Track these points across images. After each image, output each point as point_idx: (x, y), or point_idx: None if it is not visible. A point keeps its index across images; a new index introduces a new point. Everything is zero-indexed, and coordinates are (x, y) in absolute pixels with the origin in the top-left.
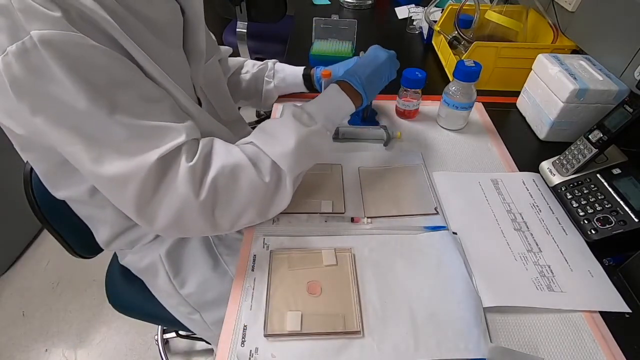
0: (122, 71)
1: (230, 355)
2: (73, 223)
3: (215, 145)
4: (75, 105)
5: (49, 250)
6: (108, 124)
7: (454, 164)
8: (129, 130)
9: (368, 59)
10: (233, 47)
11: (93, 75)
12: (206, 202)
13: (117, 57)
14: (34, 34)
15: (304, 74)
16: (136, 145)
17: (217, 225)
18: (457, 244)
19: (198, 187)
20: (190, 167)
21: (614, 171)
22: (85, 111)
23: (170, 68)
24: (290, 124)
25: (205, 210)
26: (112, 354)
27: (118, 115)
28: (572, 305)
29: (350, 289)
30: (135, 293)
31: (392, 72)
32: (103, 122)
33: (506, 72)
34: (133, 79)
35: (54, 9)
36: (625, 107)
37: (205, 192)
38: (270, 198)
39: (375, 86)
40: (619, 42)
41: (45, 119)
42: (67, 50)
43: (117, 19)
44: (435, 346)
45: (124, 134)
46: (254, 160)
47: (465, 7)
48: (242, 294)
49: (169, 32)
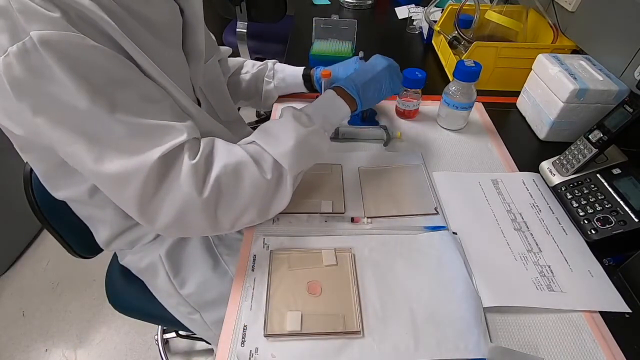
0: (121, 70)
1: (230, 355)
2: (73, 223)
3: (216, 144)
4: (76, 105)
5: (49, 250)
6: (109, 123)
7: (454, 164)
8: (130, 128)
9: (367, 67)
10: (233, 47)
11: (93, 74)
12: (209, 200)
13: (116, 57)
14: (34, 34)
15: (303, 74)
16: (137, 144)
17: (218, 224)
18: (457, 244)
19: (201, 185)
20: (193, 165)
21: (614, 171)
22: (86, 110)
23: (169, 68)
24: (290, 124)
25: (208, 209)
26: (112, 354)
27: (118, 114)
28: (572, 305)
29: (350, 289)
30: (135, 293)
31: (394, 82)
32: (104, 121)
33: (506, 72)
34: (132, 78)
35: (53, 10)
36: (625, 107)
37: (208, 189)
38: (271, 196)
39: (371, 94)
40: (619, 42)
41: (46, 119)
42: (67, 50)
43: (116, 19)
44: (435, 346)
45: (125, 132)
46: (256, 158)
47: (465, 7)
48: (242, 294)
49: (167, 32)
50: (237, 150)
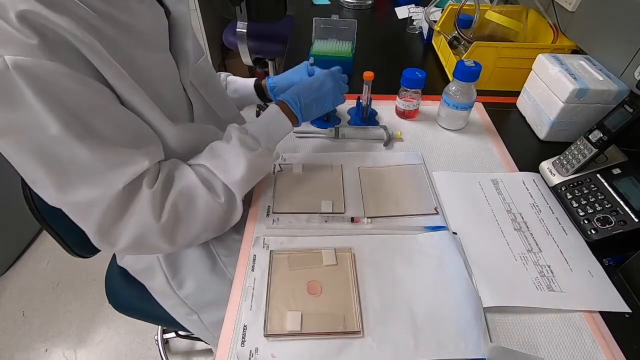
0: (93, 97)
1: (230, 355)
2: (71, 223)
3: (173, 168)
4: (45, 131)
5: (49, 250)
6: (77, 150)
7: (454, 164)
8: (96, 157)
9: (314, 84)
10: (233, 47)
11: (65, 101)
12: (167, 225)
13: (88, 83)
14: (8, 58)
15: (255, 85)
16: (102, 173)
17: (176, 245)
18: (457, 244)
19: (159, 212)
20: (151, 193)
21: (614, 171)
22: (56, 137)
23: (155, 72)
24: (238, 150)
25: (165, 233)
26: (112, 354)
27: (87, 141)
28: (572, 305)
29: (350, 289)
30: (135, 293)
31: (338, 98)
32: (72, 148)
33: (506, 72)
34: (103, 104)
35: (31, 36)
36: (625, 107)
37: (166, 215)
38: (225, 216)
39: (314, 111)
40: (619, 42)
41: (10, 142)
42: (40, 76)
43: (96, 34)
44: (435, 346)
45: (91, 160)
46: (208, 183)
47: (465, 7)
48: (242, 294)
49: (153, 37)
50: (191, 176)
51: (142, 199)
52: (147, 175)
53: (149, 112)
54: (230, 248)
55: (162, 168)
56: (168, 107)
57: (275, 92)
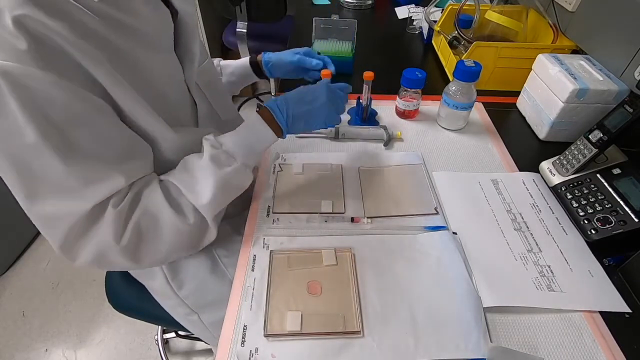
0: (80, 108)
1: (230, 355)
2: None
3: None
4: (21, 139)
5: (49, 250)
6: (51, 162)
7: (454, 164)
8: (72, 171)
9: (308, 97)
10: (233, 47)
11: (47, 111)
12: (129, 245)
13: (79, 94)
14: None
15: (251, 62)
16: (75, 188)
17: (143, 263)
18: (457, 244)
19: (120, 233)
20: (116, 213)
21: (614, 171)
22: (32, 146)
23: (160, 74)
24: (208, 169)
25: (127, 253)
26: (112, 354)
27: (65, 153)
28: (572, 305)
29: (350, 289)
30: (135, 293)
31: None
32: (46, 159)
33: (506, 72)
34: (91, 116)
35: (21, 42)
36: (625, 107)
37: (127, 237)
38: (197, 236)
39: (303, 126)
40: (619, 42)
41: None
42: (26, 83)
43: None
44: (435, 346)
45: (65, 174)
46: (175, 203)
47: (465, 7)
48: (242, 294)
49: (158, 39)
50: (157, 196)
51: (105, 218)
52: (116, 194)
53: (148, 119)
54: (230, 248)
55: (133, 186)
56: (172, 108)
57: (270, 67)
